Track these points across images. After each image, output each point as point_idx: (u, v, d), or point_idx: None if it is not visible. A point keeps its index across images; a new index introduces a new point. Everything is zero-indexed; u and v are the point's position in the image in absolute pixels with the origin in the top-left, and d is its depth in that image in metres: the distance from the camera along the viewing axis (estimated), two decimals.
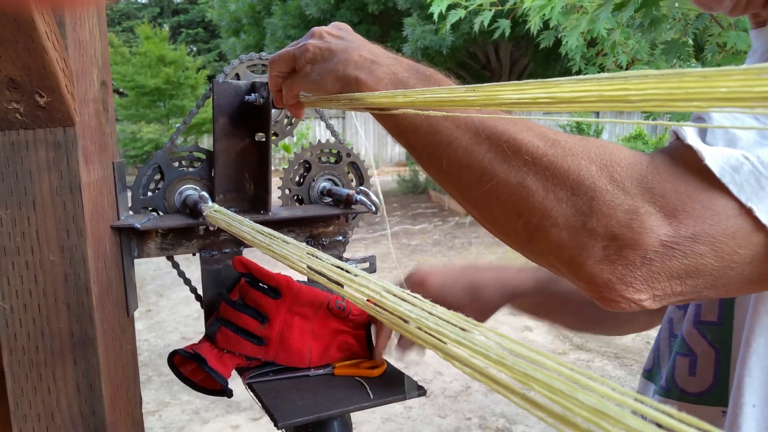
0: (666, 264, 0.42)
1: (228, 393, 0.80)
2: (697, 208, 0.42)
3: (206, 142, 13.55)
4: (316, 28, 0.61)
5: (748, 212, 0.41)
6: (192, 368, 0.82)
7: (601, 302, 0.46)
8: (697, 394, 0.66)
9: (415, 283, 0.83)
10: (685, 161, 0.43)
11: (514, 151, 0.46)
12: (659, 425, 0.23)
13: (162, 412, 3.14)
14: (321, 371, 0.81)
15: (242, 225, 0.62)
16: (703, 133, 0.45)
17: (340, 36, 0.60)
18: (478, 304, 0.82)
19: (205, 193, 0.80)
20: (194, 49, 25.05)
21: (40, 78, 0.57)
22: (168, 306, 4.89)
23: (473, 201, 0.50)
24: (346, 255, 0.96)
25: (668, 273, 0.43)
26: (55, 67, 0.57)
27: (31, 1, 0.49)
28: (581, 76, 0.31)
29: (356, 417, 0.83)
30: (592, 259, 0.44)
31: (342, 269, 0.46)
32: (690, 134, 0.45)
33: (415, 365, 3.55)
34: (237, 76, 0.87)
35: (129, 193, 0.81)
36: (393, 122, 0.53)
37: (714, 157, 0.42)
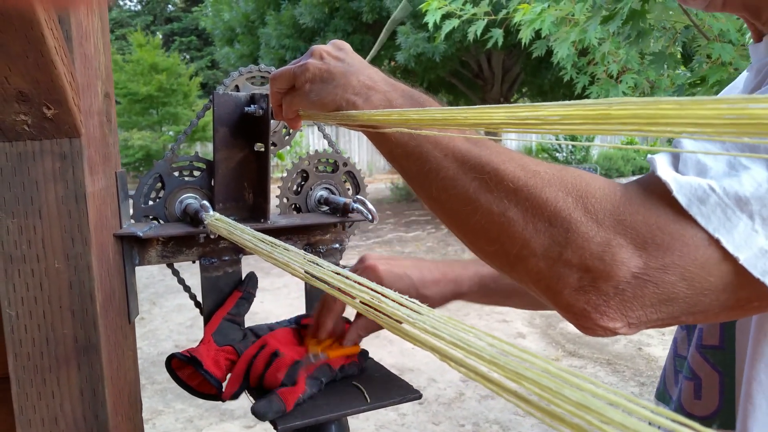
0: (638, 294, 0.43)
1: (221, 397, 0.81)
2: (666, 240, 0.43)
3: (199, 148, 13.56)
4: (316, 47, 0.63)
5: (716, 243, 0.42)
6: (189, 372, 0.83)
7: (579, 329, 0.48)
8: (703, 418, 0.67)
9: (367, 268, 0.84)
10: (656, 192, 0.45)
11: (496, 182, 0.48)
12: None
13: (156, 420, 3.13)
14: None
15: (244, 233, 0.64)
16: (675, 162, 0.46)
17: (339, 58, 0.62)
18: (421, 300, 0.84)
19: (206, 202, 0.82)
20: (187, 56, 25.07)
21: (48, 91, 0.59)
22: (161, 314, 4.89)
23: (460, 228, 0.52)
24: (342, 262, 0.98)
25: (641, 302, 0.44)
26: (63, 81, 0.59)
27: (34, 0, 0.51)
28: (567, 102, 0.33)
29: (350, 424, 0.85)
30: (568, 289, 0.45)
31: (341, 276, 0.48)
32: (660, 164, 0.46)
33: (409, 372, 3.57)
34: (237, 88, 0.89)
35: (130, 202, 0.83)
36: (387, 148, 0.56)
37: (682, 188, 0.43)
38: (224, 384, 0.81)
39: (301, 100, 0.63)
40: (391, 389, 0.80)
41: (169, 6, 28.47)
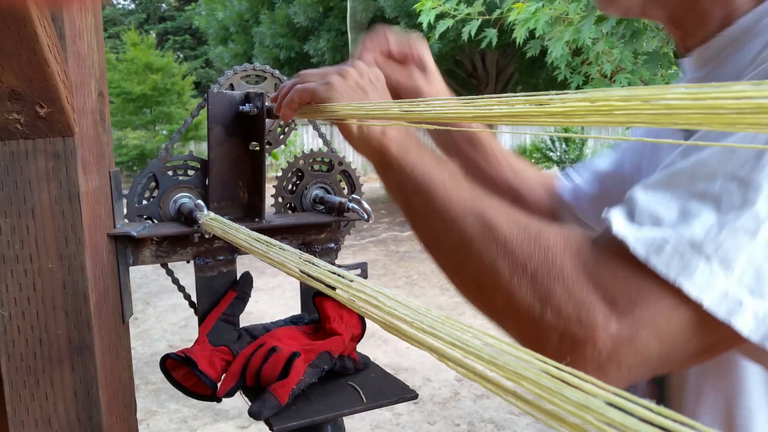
0: (614, 356, 0.44)
1: (217, 397, 0.81)
2: (633, 294, 0.44)
3: (193, 147, 13.52)
4: (359, 64, 0.67)
5: (678, 290, 0.43)
6: (183, 373, 0.83)
7: None
8: None
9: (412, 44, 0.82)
10: (617, 249, 0.45)
11: (490, 233, 0.49)
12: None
13: (149, 420, 3.12)
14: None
15: (239, 233, 0.64)
16: (631, 215, 0.47)
17: (376, 87, 0.65)
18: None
19: (200, 202, 0.81)
20: (181, 55, 24.99)
21: (42, 89, 0.59)
22: (155, 314, 4.86)
23: (455, 273, 0.54)
24: (336, 262, 0.98)
25: (617, 363, 0.44)
26: (56, 79, 0.59)
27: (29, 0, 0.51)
28: (573, 92, 0.33)
29: (345, 424, 0.85)
30: (548, 348, 0.46)
31: (338, 275, 0.48)
32: (616, 222, 0.46)
33: (404, 371, 3.57)
34: (231, 87, 0.88)
35: (124, 201, 0.83)
36: (394, 180, 0.58)
37: (638, 242, 0.44)
38: (219, 384, 0.80)
39: (326, 91, 0.64)
40: (388, 389, 0.80)
41: (163, 5, 28.37)
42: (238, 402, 3.22)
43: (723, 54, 0.59)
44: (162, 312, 4.90)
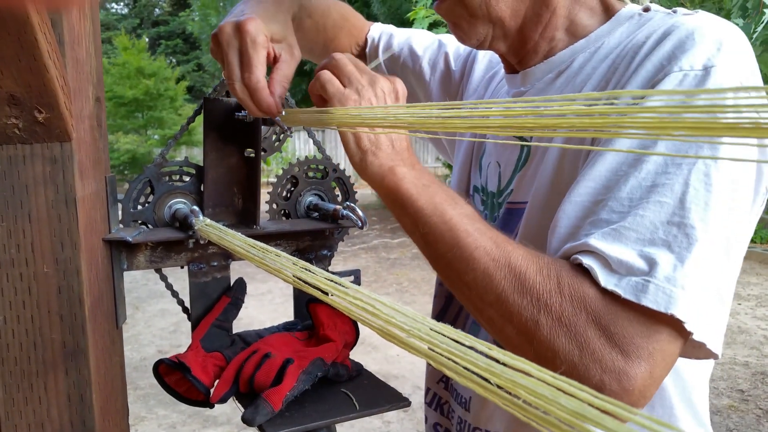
0: (643, 391, 0.52)
1: (209, 403, 0.81)
2: (643, 332, 0.52)
3: (184, 152, 13.49)
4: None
5: (671, 317, 0.51)
6: (177, 378, 0.83)
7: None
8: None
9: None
10: (612, 297, 0.53)
11: (523, 286, 0.55)
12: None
13: (138, 426, 3.10)
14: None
15: (235, 239, 0.64)
16: (609, 266, 0.54)
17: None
18: None
19: (196, 207, 0.81)
20: (173, 60, 24.94)
21: (40, 95, 0.59)
22: (144, 319, 4.84)
23: (489, 320, 0.58)
24: (329, 269, 0.98)
25: (644, 395, 0.53)
26: (55, 85, 0.59)
27: (27, 1, 0.51)
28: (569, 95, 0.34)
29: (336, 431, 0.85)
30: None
31: (335, 283, 0.48)
32: (602, 277, 0.53)
33: (394, 378, 3.56)
34: (227, 93, 0.89)
35: (119, 207, 0.83)
36: (411, 221, 0.62)
37: (627, 290, 0.52)
38: (212, 390, 0.80)
39: (348, 97, 0.66)
40: (380, 396, 0.80)
41: (157, 9, 28.33)
42: (227, 408, 3.20)
43: (545, 79, 0.75)
44: (151, 317, 4.88)
